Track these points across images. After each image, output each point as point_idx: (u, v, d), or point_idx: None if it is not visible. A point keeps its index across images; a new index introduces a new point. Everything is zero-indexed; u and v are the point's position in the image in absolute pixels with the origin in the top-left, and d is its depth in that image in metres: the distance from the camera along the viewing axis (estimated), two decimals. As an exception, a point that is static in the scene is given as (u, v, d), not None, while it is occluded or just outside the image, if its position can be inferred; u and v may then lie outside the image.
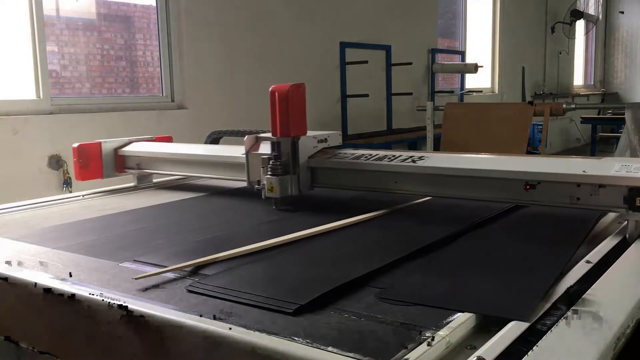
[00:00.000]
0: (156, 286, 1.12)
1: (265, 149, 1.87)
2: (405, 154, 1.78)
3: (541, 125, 5.94)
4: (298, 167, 1.82)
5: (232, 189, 2.22)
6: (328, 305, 0.99)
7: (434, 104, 5.77)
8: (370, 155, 1.83)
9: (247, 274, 1.18)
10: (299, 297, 1.00)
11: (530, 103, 5.10)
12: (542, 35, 11.45)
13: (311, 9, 6.04)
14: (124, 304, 0.99)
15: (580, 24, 12.88)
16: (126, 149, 2.36)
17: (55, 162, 3.94)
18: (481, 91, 9.34)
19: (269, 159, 1.82)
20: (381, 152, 1.84)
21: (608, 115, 9.09)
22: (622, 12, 13.84)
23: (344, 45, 6.41)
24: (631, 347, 0.89)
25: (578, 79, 13.61)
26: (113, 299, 1.01)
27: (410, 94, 7.29)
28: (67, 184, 3.93)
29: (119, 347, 1.01)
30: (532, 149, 8.64)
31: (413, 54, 7.45)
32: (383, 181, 1.77)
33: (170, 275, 1.18)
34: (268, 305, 0.99)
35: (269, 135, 1.86)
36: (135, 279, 1.14)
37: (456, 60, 8.81)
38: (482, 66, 7.61)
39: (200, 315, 0.95)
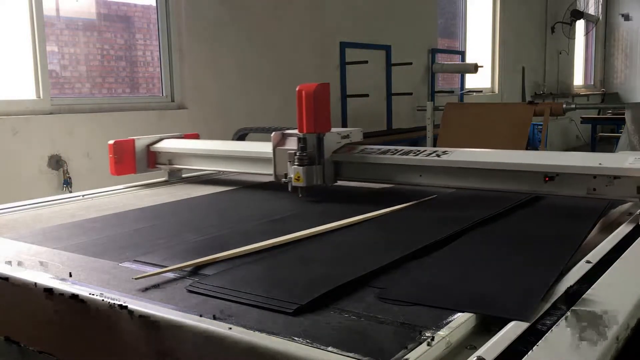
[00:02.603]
0: (156, 286, 1.12)
1: (291, 144, 1.99)
2: (430, 149, 1.89)
3: (541, 125, 5.94)
4: (323, 159, 1.96)
5: (259, 183, 2.33)
6: (328, 305, 0.99)
7: (434, 104, 5.77)
8: (396, 150, 1.95)
9: (247, 274, 1.18)
10: (299, 297, 1.00)
11: (531, 103, 5.10)
12: (542, 35, 11.45)
13: (311, 9, 6.04)
14: (124, 304, 0.99)
15: (580, 24, 12.88)
16: (158, 145, 2.44)
17: (55, 162, 3.94)
18: (481, 91, 9.33)
19: (296, 152, 1.93)
20: (405, 148, 1.96)
21: (608, 115, 9.08)
22: (625, 15, 13.82)
23: (344, 45, 6.41)
24: (631, 347, 0.89)
25: (578, 79, 13.60)
26: (113, 299, 1.01)
27: (410, 94, 7.28)
28: (67, 184, 3.93)
29: (118, 347, 1.01)
30: (532, 149, 8.63)
31: (413, 54, 7.44)
32: (408, 175, 1.88)
33: (170, 275, 1.18)
34: (268, 305, 0.99)
35: (294, 131, 1.98)
36: (135, 279, 1.14)
37: (456, 60, 8.81)
38: (482, 66, 7.61)
39: (200, 315, 0.94)
